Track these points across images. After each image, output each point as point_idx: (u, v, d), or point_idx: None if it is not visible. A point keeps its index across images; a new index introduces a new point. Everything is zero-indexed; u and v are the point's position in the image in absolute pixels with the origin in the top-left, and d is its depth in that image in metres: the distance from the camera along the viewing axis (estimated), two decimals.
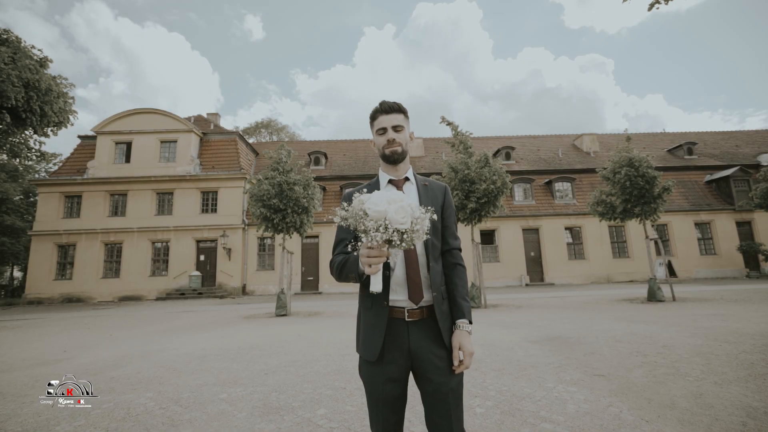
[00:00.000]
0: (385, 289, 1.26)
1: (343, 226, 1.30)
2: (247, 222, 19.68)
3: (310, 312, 10.55)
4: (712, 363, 4.01)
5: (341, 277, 1.30)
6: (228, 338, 6.63)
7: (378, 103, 1.43)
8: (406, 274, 1.28)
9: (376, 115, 1.42)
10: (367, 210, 1.07)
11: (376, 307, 1.29)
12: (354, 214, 1.10)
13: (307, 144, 26.26)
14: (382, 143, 1.41)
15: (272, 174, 9.90)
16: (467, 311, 1.34)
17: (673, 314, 7.62)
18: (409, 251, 1.28)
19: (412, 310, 1.28)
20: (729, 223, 20.29)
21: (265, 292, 19.46)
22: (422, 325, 1.29)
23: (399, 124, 1.40)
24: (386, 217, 1.04)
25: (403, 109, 1.44)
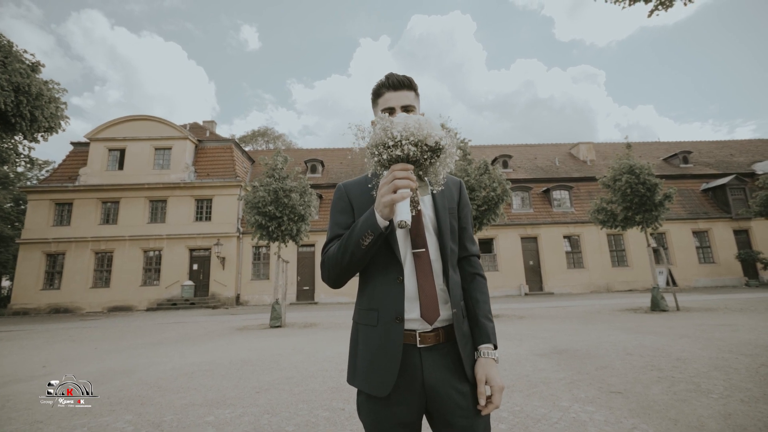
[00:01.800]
0: (398, 299, 1.01)
1: (340, 223, 1.13)
2: (241, 230, 19.34)
3: (306, 323, 10.22)
4: (733, 378, 3.78)
5: (346, 255, 1.01)
6: (219, 352, 6.30)
7: (384, 77, 1.19)
8: (418, 284, 1.02)
9: (382, 91, 1.17)
10: (394, 122, 0.91)
11: (385, 323, 1.01)
12: (379, 128, 0.93)
13: (303, 152, 26.10)
14: None
15: (268, 181, 9.67)
16: (492, 333, 1.09)
17: (679, 324, 7.40)
18: (421, 256, 1.04)
19: (425, 333, 1.02)
20: (726, 232, 20.26)
21: (260, 302, 19.04)
22: (438, 352, 1.03)
23: (410, 104, 1.15)
24: (419, 125, 0.89)
25: (414, 85, 1.19)
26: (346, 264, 1.02)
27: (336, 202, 1.19)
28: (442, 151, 0.94)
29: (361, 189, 1.17)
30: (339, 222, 1.14)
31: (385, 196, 0.90)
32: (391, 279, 1.03)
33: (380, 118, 0.94)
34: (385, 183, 0.90)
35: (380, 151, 0.92)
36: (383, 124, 0.92)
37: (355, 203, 1.14)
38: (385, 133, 0.90)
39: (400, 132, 0.88)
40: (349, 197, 1.16)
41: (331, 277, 1.08)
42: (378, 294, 1.05)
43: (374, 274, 1.07)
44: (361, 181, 1.20)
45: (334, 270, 1.05)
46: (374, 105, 1.23)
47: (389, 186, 0.89)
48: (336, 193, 1.20)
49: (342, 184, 1.20)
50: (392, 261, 1.04)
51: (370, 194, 1.12)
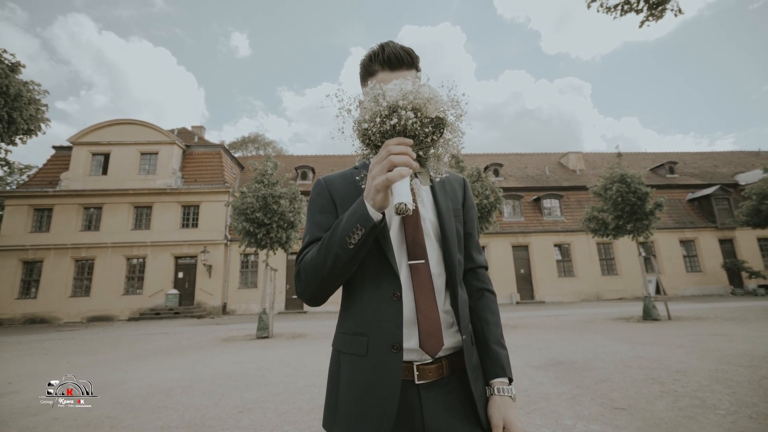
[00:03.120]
0: (395, 321, 0.80)
1: (320, 224, 0.90)
2: (229, 237, 18.92)
3: (294, 334, 9.89)
4: (737, 392, 3.66)
5: (327, 259, 0.79)
6: (201, 365, 5.98)
7: (378, 46, 0.93)
8: (416, 305, 0.81)
9: (374, 69, 0.93)
10: (388, 88, 0.75)
11: (378, 353, 0.79)
12: (369, 99, 0.76)
13: (294, 158, 25.85)
14: None
15: (257, 186, 9.42)
16: (507, 364, 0.89)
17: (673, 334, 7.34)
18: (420, 269, 0.83)
19: (424, 365, 0.81)
20: (712, 241, 20.59)
21: (247, 311, 18.55)
22: (442, 389, 0.82)
23: None
24: (419, 89, 0.73)
25: (417, 61, 0.94)
26: (327, 271, 0.79)
27: (315, 200, 0.96)
28: (445, 127, 0.76)
29: (346, 183, 0.96)
30: (319, 223, 0.91)
31: (378, 176, 0.71)
32: (384, 295, 0.82)
33: (371, 87, 0.77)
34: (378, 162, 0.72)
35: (370, 125, 0.74)
36: (373, 93, 0.75)
37: (338, 200, 0.93)
38: (377, 102, 0.73)
39: (395, 98, 0.72)
40: (331, 193, 0.94)
41: (309, 290, 0.83)
42: (368, 314, 0.83)
43: (362, 288, 0.85)
44: (347, 174, 0.98)
45: (312, 280, 0.82)
46: (363, 85, 0.98)
47: (383, 164, 0.70)
48: (315, 188, 0.98)
49: (322, 179, 0.98)
50: (386, 271, 0.83)
51: (358, 189, 0.91)
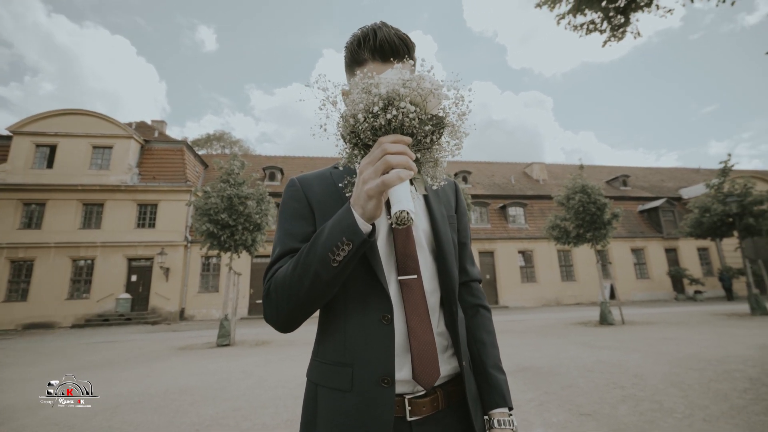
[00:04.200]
0: (386, 350, 0.69)
1: (294, 233, 0.77)
2: (190, 239, 17.94)
3: (258, 341, 9.47)
4: (690, 395, 3.86)
5: (305, 279, 0.66)
6: (154, 378, 5.53)
7: (370, 29, 0.78)
8: (408, 327, 0.71)
9: (363, 58, 0.79)
10: (382, 78, 0.64)
11: (365, 388, 0.68)
12: (359, 90, 0.64)
13: (262, 158, 25.07)
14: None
15: (222, 186, 8.97)
16: (507, 392, 0.80)
17: (628, 338, 7.73)
18: (412, 286, 0.73)
19: (417, 398, 0.71)
20: (659, 250, 22.16)
21: (207, 316, 17.64)
22: (437, 424, 0.72)
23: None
24: (419, 81, 0.63)
25: (412, 51, 0.80)
26: (305, 294, 0.66)
27: (287, 204, 0.82)
28: (445, 127, 0.66)
29: (325, 185, 0.82)
30: (292, 232, 0.77)
31: (371, 180, 0.59)
32: (372, 318, 0.71)
33: (361, 77, 0.65)
34: (370, 162, 0.60)
35: (361, 121, 0.62)
36: (364, 82, 0.63)
37: (316, 205, 0.79)
38: (368, 93, 0.63)
39: (392, 87, 0.62)
40: (307, 196, 0.81)
41: (281, 316, 0.70)
42: (352, 341, 0.71)
43: (345, 309, 0.74)
44: (324, 175, 0.85)
45: (285, 304, 0.68)
46: (348, 73, 0.84)
47: (377, 165, 0.59)
48: (287, 190, 0.84)
49: (296, 179, 0.84)
50: (373, 290, 0.72)
51: (339, 192, 0.79)
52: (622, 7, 8.05)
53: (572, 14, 8.36)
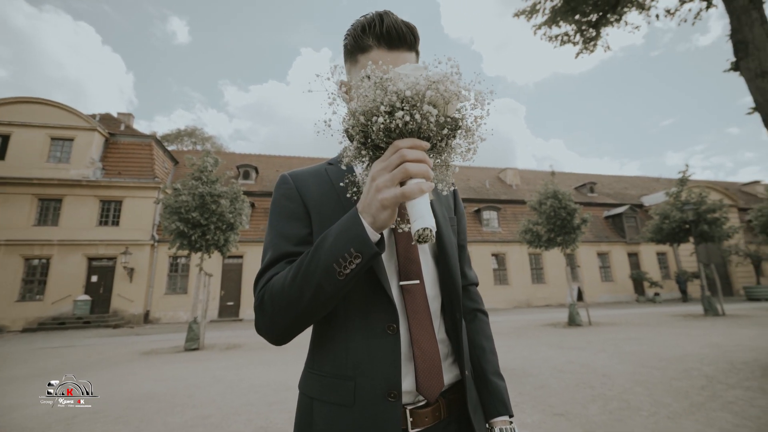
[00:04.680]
0: (392, 361, 0.65)
1: (288, 235, 0.71)
2: (157, 238, 17.14)
3: (229, 344, 9.15)
4: (654, 393, 4.04)
5: (306, 291, 0.60)
6: (115, 385, 5.21)
7: (375, 15, 0.74)
8: (411, 337, 0.67)
9: (367, 45, 0.74)
10: (399, 74, 0.59)
11: (368, 402, 0.64)
12: (371, 84, 0.58)
13: (236, 156, 24.37)
14: None
15: (194, 183, 8.62)
16: (508, 399, 0.79)
17: (595, 339, 8.05)
18: (415, 292, 0.69)
19: (419, 408, 0.67)
20: (622, 254, 23.30)
21: (174, 319, 16.90)
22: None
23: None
24: (440, 79, 0.57)
25: (417, 42, 0.76)
26: (305, 306, 0.61)
27: (280, 203, 0.76)
28: (460, 130, 0.62)
29: (320, 183, 0.77)
30: (286, 233, 0.72)
31: (387, 189, 0.55)
32: (376, 327, 0.67)
33: (373, 69, 0.59)
34: (386, 168, 0.56)
35: (375, 119, 0.57)
36: (378, 77, 0.58)
37: (312, 205, 0.74)
38: (385, 91, 0.57)
39: (410, 87, 0.56)
40: (301, 194, 0.75)
41: (277, 328, 0.64)
42: (354, 352, 0.67)
43: (345, 318, 0.69)
44: (319, 172, 0.79)
45: (282, 315, 0.63)
46: (348, 61, 0.78)
47: (395, 173, 0.55)
48: (280, 187, 0.78)
49: (288, 175, 0.79)
50: (377, 297, 0.67)
51: (337, 191, 0.74)
52: (594, 22, 8.42)
53: (548, 25, 8.66)
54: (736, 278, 23.86)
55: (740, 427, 3.04)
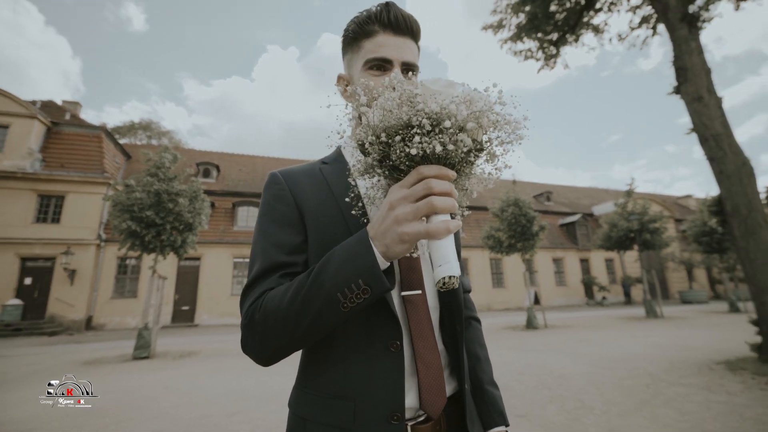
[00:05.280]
0: (395, 382, 0.61)
1: (281, 243, 0.65)
2: (104, 237, 15.89)
3: (183, 352, 8.64)
4: (605, 392, 4.30)
5: (304, 317, 0.56)
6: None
7: (378, 6, 0.73)
8: (414, 351, 0.64)
9: (371, 30, 0.72)
10: (430, 87, 0.53)
11: (370, 424, 0.60)
12: (396, 95, 0.52)
13: (195, 153, 23.19)
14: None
15: (149, 180, 8.08)
16: (503, 408, 0.78)
17: (551, 341, 8.46)
18: (417, 303, 0.65)
19: (419, 424, 0.64)
20: (575, 260, 24.76)
21: (122, 325, 15.71)
22: None
23: (413, 62, 0.73)
24: (471, 99, 0.53)
25: (419, 35, 0.76)
26: (302, 332, 0.57)
27: (271, 205, 0.70)
28: (485, 153, 0.57)
29: (315, 184, 0.72)
30: (279, 242, 0.66)
31: (409, 223, 0.51)
32: (378, 344, 0.63)
33: (399, 81, 0.54)
34: (408, 198, 0.52)
35: (398, 141, 0.51)
36: (405, 89, 0.52)
37: (307, 210, 0.68)
38: (413, 108, 0.51)
39: (447, 113, 0.50)
40: (294, 197, 0.70)
41: (268, 349, 0.60)
42: (354, 371, 0.63)
43: (344, 333, 0.65)
44: (313, 171, 0.74)
45: (275, 338, 0.58)
46: (350, 52, 0.76)
47: (419, 206, 0.50)
48: (270, 187, 0.72)
49: (280, 173, 0.73)
50: (379, 311, 0.63)
51: (334, 195, 0.70)
52: (555, 41, 8.92)
53: (513, 41, 9.06)
54: (671, 283, 26.14)
55: (680, 422, 3.30)
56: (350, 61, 0.76)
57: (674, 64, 6.64)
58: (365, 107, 0.56)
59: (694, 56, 6.44)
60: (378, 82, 0.70)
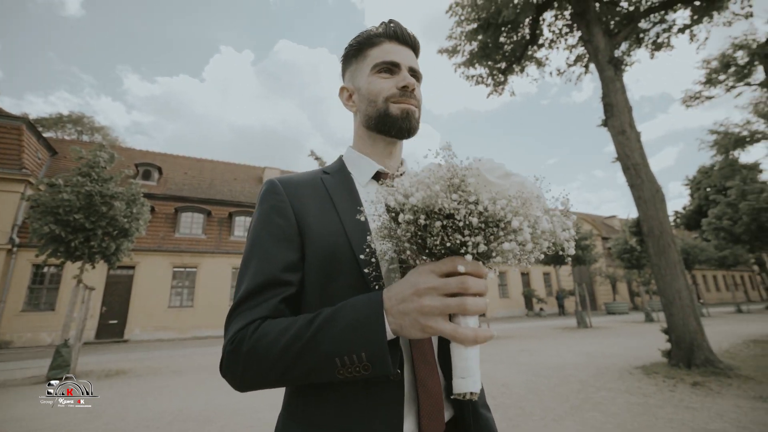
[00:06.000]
0: (395, 413, 0.59)
1: (275, 259, 0.62)
2: (17, 241, 13.99)
3: (110, 371, 7.81)
4: (543, 399, 4.61)
5: (294, 369, 0.54)
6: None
7: (379, 25, 0.78)
8: (415, 378, 0.61)
9: (377, 41, 0.76)
10: (488, 168, 0.50)
11: None
12: (444, 171, 0.50)
13: (135, 153, 21.42)
14: (386, 90, 0.73)
15: (80, 180, 7.32)
16: (496, 431, 0.74)
17: (495, 351, 8.88)
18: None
19: None
20: (516, 274, 26.27)
21: (34, 342, 13.79)
22: None
23: (417, 69, 0.77)
24: (523, 196, 0.49)
25: (418, 48, 0.80)
26: (288, 379, 0.56)
27: (269, 216, 0.67)
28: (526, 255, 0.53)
29: (318, 197, 0.70)
30: (273, 257, 0.63)
31: (433, 318, 0.49)
32: (379, 375, 0.59)
33: (449, 156, 0.52)
34: (437, 289, 0.50)
35: (441, 226, 0.48)
36: (457, 174, 0.49)
37: (306, 223, 0.66)
38: (463, 197, 0.47)
39: (501, 206, 0.47)
40: (295, 210, 0.67)
41: (248, 382, 0.58)
42: (352, 403, 0.60)
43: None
44: (315, 182, 0.72)
45: (260, 375, 0.56)
46: (354, 63, 0.79)
47: (450, 303, 0.49)
48: (268, 196, 0.69)
49: (278, 181, 0.70)
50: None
51: (341, 217, 0.67)
52: (503, 69, 9.64)
53: (466, 66, 9.64)
54: (599, 296, 28.74)
55: (606, 424, 3.64)
56: (354, 71, 0.79)
57: (603, 100, 7.49)
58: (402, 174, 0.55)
59: (618, 94, 7.32)
60: (386, 84, 0.73)
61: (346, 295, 0.60)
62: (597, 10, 8.21)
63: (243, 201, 19.29)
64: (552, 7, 8.82)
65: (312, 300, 0.64)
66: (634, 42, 8.92)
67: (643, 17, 8.33)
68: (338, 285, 0.63)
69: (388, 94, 0.73)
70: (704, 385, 4.90)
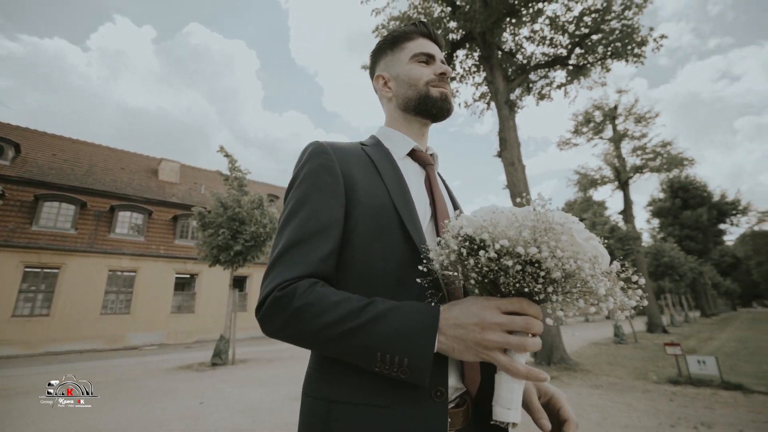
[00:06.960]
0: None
1: (319, 212, 0.66)
2: None
3: None
4: None
5: (338, 344, 0.57)
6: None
7: (411, 23, 0.87)
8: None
9: (412, 36, 0.85)
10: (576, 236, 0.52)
11: (412, 402, 0.58)
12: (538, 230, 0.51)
13: None
14: (426, 76, 0.82)
15: None
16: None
17: None
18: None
19: (454, 409, 0.63)
20: None
21: None
22: None
23: (445, 62, 0.87)
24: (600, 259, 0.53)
25: (443, 49, 0.91)
26: (325, 351, 0.60)
27: (318, 173, 0.70)
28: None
29: (363, 166, 0.74)
30: (318, 210, 0.66)
31: (493, 352, 0.53)
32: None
33: (541, 204, 0.55)
34: (502, 325, 0.53)
35: (520, 269, 0.51)
36: (546, 221, 0.52)
37: (355, 188, 0.70)
38: (550, 250, 0.49)
39: (579, 266, 0.49)
40: (343, 171, 0.71)
41: (286, 333, 0.60)
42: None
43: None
44: (358, 152, 0.77)
45: (300, 334, 0.58)
46: (389, 53, 0.87)
47: (513, 342, 0.52)
48: (319, 155, 0.72)
49: (327, 145, 0.74)
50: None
51: (386, 186, 0.71)
52: None
53: None
54: None
55: None
56: (390, 61, 0.87)
57: (499, 134, 8.68)
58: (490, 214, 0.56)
59: (511, 131, 8.58)
60: (426, 71, 0.83)
61: (389, 254, 0.65)
62: (499, 57, 9.57)
63: (131, 194, 16.68)
64: (464, 47, 9.97)
65: (357, 257, 0.66)
66: (525, 89, 10.59)
67: (533, 70, 10.00)
68: (383, 244, 0.66)
69: (428, 79, 0.82)
70: (559, 378, 5.93)
